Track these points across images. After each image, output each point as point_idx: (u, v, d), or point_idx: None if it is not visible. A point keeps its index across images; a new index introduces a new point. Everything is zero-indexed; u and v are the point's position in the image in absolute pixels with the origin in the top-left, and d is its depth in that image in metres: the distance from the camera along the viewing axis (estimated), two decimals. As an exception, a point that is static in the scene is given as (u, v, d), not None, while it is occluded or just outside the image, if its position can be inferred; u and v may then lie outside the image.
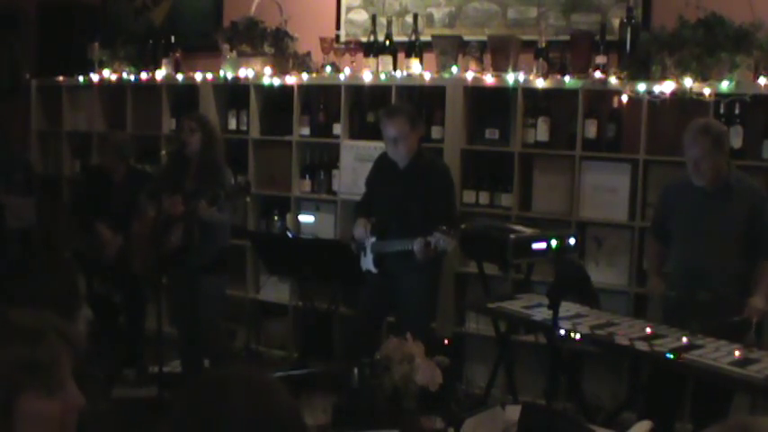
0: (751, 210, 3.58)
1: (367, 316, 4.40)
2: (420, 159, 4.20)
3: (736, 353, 3.15)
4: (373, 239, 4.24)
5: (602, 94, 4.50)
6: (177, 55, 5.72)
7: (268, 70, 5.26)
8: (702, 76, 4.13)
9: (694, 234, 3.70)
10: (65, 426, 1.51)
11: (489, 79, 4.66)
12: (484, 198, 4.82)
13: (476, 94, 4.82)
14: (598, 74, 4.43)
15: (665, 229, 3.85)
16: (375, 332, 4.32)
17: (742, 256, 3.60)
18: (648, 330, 3.46)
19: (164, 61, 5.73)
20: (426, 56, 4.94)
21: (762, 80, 4.08)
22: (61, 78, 6.11)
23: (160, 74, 5.69)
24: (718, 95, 4.13)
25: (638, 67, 4.30)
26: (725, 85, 4.09)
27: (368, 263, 4.28)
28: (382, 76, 4.94)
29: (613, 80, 4.37)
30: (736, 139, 4.17)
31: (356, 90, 5.14)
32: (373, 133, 4.82)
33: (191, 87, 5.58)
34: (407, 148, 4.14)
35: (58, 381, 1.48)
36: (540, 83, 4.55)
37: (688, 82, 4.14)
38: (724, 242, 3.62)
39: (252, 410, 1.33)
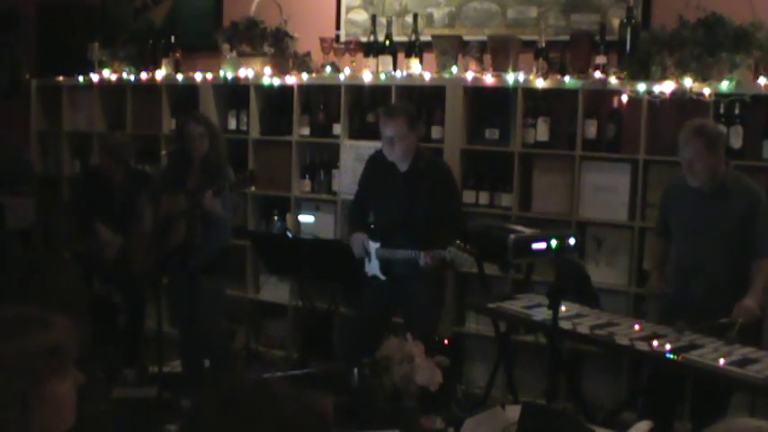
0: (746, 210, 3.58)
1: (371, 318, 4.32)
2: (420, 161, 4.15)
3: (737, 353, 3.15)
4: (377, 245, 4.19)
5: (602, 94, 4.50)
6: (177, 55, 5.72)
7: (268, 70, 5.26)
8: (702, 76, 4.12)
9: (691, 234, 3.71)
10: (72, 404, 1.55)
11: (489, 79, 4.65)
12: (484, 198, 4.82)
13: (476, 94, 4.82)
14: (598, 74, 4.43)
15: (668, 228, 3.86)
16: (380, 335, 4.28)
17: (738, 255, 3.59)
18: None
19: (164, 61, 5.73)
20: (426, 56, 4.93)
21: (762, 80, 4.08)
22: (61, 78, 6.11)
23: (160, 74, 5.69)
24: (719, 95, 4.13)
25: (638, 67, 4.30)
26: (725, 85, 4.09)
27: (374, 269, 4.22)
28: (382, 77, 4.94)
29: (613, 80, 4.37)
30: (736, 139, 4.17)
31: (356, 90, 5.13)
32: (373, 133, 4.80)
33: (191, 87, 5.58)
34: (404, 149, 4.09)
35: (70, 362, 1.54)
36: (540, 83, 4.55)
37: (688, 82, 4.14)
38: (720, 242, 3.62)
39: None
